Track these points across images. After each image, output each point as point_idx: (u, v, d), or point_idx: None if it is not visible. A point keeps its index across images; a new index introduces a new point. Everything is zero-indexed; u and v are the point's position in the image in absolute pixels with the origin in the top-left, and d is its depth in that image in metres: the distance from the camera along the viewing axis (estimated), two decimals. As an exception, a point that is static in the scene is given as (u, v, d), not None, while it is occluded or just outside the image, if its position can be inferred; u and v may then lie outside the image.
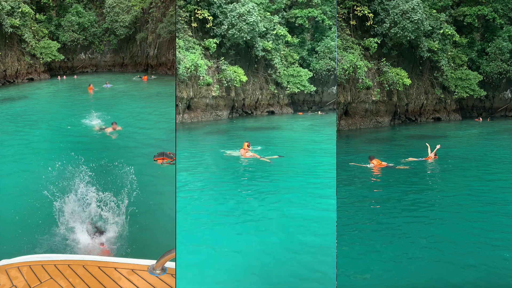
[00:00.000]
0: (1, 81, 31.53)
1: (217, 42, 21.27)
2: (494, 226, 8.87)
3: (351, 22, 23.56)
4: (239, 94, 23.01)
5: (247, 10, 20.77)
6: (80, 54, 38.59)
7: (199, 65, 19.58)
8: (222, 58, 21.71)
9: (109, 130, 16.65)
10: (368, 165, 14.11)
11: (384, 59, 24.03)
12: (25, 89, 29.76)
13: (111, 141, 16.14)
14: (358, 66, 21.90)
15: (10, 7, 30.79)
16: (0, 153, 13.96)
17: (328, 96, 26.75)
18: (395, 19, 23.23)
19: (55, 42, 34.82)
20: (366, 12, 23.43)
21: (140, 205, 8.86)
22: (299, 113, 25.50)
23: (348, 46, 23.01)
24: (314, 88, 23.58)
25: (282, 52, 23.41)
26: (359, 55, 22.75)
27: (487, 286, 6.55)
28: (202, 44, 21.38)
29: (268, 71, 23.58)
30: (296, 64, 23.88)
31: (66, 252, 7.46)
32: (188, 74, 19.52)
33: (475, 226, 8.85)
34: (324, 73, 24.37)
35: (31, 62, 33.14)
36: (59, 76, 35.18)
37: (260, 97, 23.73)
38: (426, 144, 15.62)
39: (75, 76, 36.18)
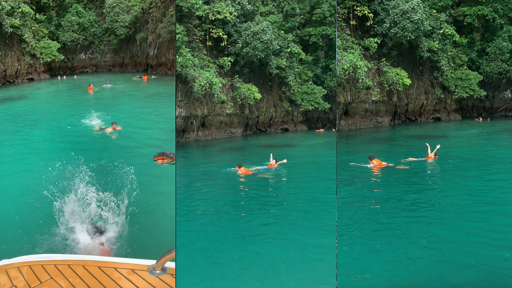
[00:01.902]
0: (1, 81, 31.52)
1: (232, 60, 21.55)
2: (494, 226, 8.86)
3: (351, 22, 23.57)
4: (253, 112, 23.09)
5: (261, 28, 21.04)
6: (80, 54, 38.59)
7: (214, 83, 19.81)
8: (237, 76, 21.93)
9: (109, 130, 16.64)
10: (368, 165, 14.10)
11: (384, 59, 24.03)
12: (25, 89, 29.76)
13: (111, 141, 16.13)
14: (358, 66, 21.90)
15: (10, 7, 30.79)
16: (0, 153, 13.95)
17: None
18: (395, 19, 23.23)
19: (55, 42, 34.82)
20: (366, 12, 23.43)
21: (140, 205, 8.85)
22: (320, 130, 25.20)
23: (348, 46, 23.02)
24: (329, 106, 23.60)
25: (296, 69, 23.49)
26: (359, 55, 22.75)
27: (487, 286, 6.55)
28: (217, 63, 21.63)
29: (282, 89, 23.68)
30: (311, 82, 23.97)
31: (66, 252, 7.45)
32: (203, 92, 19.70)
33: (475, 226, 8.84)
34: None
35: (31, 62, 33.14)
36: (59, 76, 35.18)
37: (274, 114, 23.76)
38: (426, 144, 15.61)
39: (75, 76, 36.18)
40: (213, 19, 21.22)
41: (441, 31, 25.16)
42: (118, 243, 7.95)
